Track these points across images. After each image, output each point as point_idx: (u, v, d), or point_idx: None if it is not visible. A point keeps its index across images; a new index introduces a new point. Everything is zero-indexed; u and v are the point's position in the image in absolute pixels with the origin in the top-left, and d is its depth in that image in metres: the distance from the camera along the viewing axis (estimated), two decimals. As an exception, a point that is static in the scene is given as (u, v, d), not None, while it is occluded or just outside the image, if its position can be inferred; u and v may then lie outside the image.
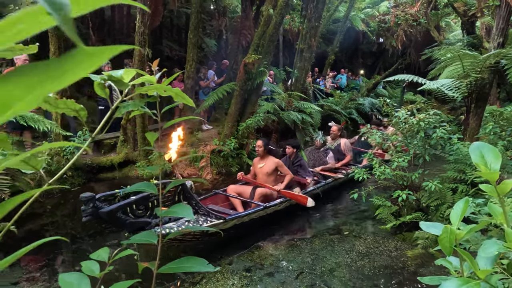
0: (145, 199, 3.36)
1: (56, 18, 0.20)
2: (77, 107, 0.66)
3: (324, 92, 13.68)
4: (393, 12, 13.71)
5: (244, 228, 4.77)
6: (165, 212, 0.77)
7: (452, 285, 0.53)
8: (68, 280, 0.68)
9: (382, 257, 4.30)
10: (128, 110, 0.73)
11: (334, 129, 7.39)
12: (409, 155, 5.02)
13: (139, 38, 6.82)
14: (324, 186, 6.13)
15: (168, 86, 0.71)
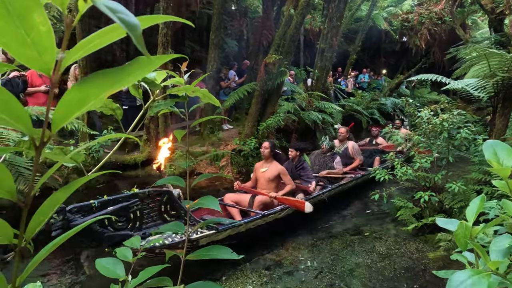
0: (126, 209, 3.09)
1: (131, 35, 0.26)
2: (114, 106, 0.72)
3: (345, 92, 13.57)
4: (416, 11, 13.45)
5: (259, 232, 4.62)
6: (194, 204, 0.82)
7: (462, 276, 0.56)
8: (104, 264, 0.74)
9: (403, 258, 4.26)
10: (159, 110, 0.78)
11: (341, 131, 7.04)
12: (432, 156, 4.94)
13: (162, 39, 6.97)
14: (330, 192, 5.79)
15: (196, 87, 0.76)
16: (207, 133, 8.62)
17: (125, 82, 0.31)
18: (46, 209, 0.37)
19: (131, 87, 0.75)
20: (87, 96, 0.30)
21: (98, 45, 0.32)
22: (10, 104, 0.28)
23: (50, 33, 0.28)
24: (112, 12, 0.27)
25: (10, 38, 0.27)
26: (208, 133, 8.59)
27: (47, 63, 0.29)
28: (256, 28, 10.54)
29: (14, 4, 0.25)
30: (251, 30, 12.03)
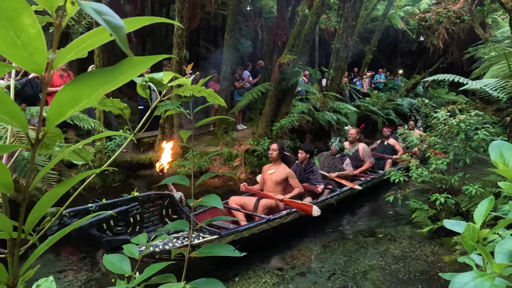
0: (125, 213, 3.00)
1: (115, 37, 0.27)
2: (121, 106, 0.74)
3: (361, 92, 13.44)
4: (434, 10, 13.21)
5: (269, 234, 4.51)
6: (198, 202, 0.83)
7: (466, 277, 0.55)
8: (111, 260, 0.76)
9: (418, 261, 4.20)
10: (166, 109, 0.79)
11: (352, 132, 6.78)
12: (448, 158, 4.85)
13: (177, 40, 7.04)
14: (339, 195, 5.54)
15: (202, 87, 0.77)
16: (221, 133, 8.67)
17: (117, 82, 0.33)
18: (44, 203, 0.38)
19: (139, 87, 0.77)
20: (79, 96, 0.32)
21: (91, 45, 0.34)
22: (6, 102, 0.30)
23: (40, 35, 0.29)
24: (98, 14, 0.28)
25: (1, 40, 0.28)
26: (222, 133, 8.64)
27: (39, 64, 0.31)
28: (271, 28, 10.54)
29: (2, 7, 0.27)
30: (265, 30, 12.04)
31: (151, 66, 2.32)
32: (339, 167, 6.06)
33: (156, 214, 3.32)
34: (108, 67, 0.32)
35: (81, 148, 0.68)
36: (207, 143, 8.58)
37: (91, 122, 5.79)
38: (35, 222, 0.38)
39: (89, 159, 0.70)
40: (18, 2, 0.27)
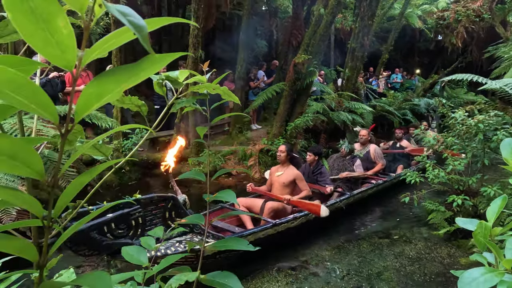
0: (126, 216, 2.94)
1: (138, 36, 0.29)
2: (139, 103, 0.77)
3: (377, 92, 13.29)
4: (453, 8, 12.96)
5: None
6: (213, 197, 0.85)
7: (475, 273, 0.55)
8: (129, 252, 0.79)
9: (433, 263, 4.14)
10: (182, 106, 0.82)
11: (363, 133, 6.56)
12: (466, 159, 4.77)
13: (193, 40, 7.11)
14: (348, 199, 5.38)
15: (216, 85, 0.79)
16: (235, 132, 8.71)
17: (138, 78, 0.35)
18: (71, 191, 0.41)
19: (156, 85, 0.79)
20: (104, 91, 0.35)
21: (114, 44, 0.36)
22: (38, 95, 0.32)
23: (72, 35, 0.33)
24: (123, 16, 0.31)
25: (38, 39, 0.31)
26: (237, 133, 8.68)
27: (69, 61, 0.34)
28: (286, 28, 10.54)
29: (40, 11, 0.30)
30: (280, 30, 12.04)
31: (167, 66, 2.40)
32: (349, 169, 5.94)
33: (159, 217, 3.24)
34: (130, 64, 0.35)
35: (101, 144, 0.71)
36: (221, 143, 8.64)
37: (109, 121, 5.91)
38: (63, 208, 0.41)
39: (108, 154, 0.73)
40: (54, 6, 0.30)
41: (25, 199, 0.35)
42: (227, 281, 0.67)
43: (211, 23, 9.36)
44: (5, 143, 0.31)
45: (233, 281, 0.68)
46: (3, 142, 0.31)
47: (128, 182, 6.89)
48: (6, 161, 0.32)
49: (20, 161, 0.33)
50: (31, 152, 0.33)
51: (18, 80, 0.31)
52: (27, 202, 0.36)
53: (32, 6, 0.31)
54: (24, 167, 0.33)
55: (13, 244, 0.35)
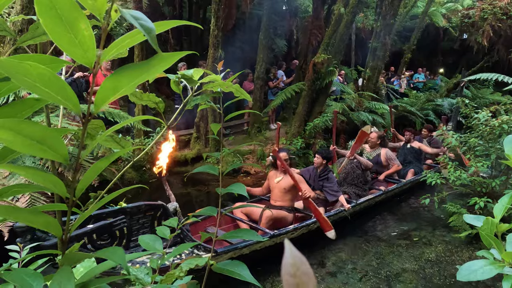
0: (108, 227, 2.77)
1: (147, 37, 0.33)
2: (157, 100, 0.81)
3: (398, 92, 13.07)
4: (478, 6, 12.59)
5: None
6: (225, 190, 0.89)
7: (475, 265, 0.56)
8: (145, 240, 0.83)
9: (454, 266, 4.07)
10: (197, 103, 0.86)
11: (372, 136, 6.22)
12: (490, 160, 4.66)
13: (213, 40, 7.20)
14: (354, 207, 5.10)
15: (229, 83, 0.83)
16: (254, 132, 8.76)
17: (149, 74, 0.40)
18: (90, 174, 0.46)
19: (172, 83, 0.84)
20: (119, 84, 0.39)
21: (129, 44, 0.41)
22: (64, 89, 0.37)
23: (92, 37, 0.38)
24: (135, 19, 0.35)
25: (64, 40, 0.37)
26: (255, 132, 8.73)
27: (90, 58, 0.39)
28: (306, 28, 10.50)
29: (65, 16, 0.35)
30: (300, 30, 11.99)
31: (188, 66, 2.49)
32: (357, 172, 5.60)
33: (147, 226, 3.07)
34: (141, 61, 0.40)
35: (120, 137, 0.76)
36: (240, 142, 8.71)
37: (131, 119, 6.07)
38: (83, 189, 0.45)
39: (128, 147, 0.77)
40: (77, 12, 0.35)
41: (52, 180, 0.40)
42: (237, 269, 0.71)
43: (231, 23, 9.44)
44: (35, 130, 0.36)
45: (243, 269, 0.71)
46: (34, 129, 0.36)
47: (148, 179, 7.04)
48: (36, 146, 0.37)
49: (48, 146, 0.37)
50: (57, 138, 0.38)
51: (47, 75, 0.36)
52: (54, 183, 0.40)
53: (59, 12, 0.35)
54: (51, 152, 0.38)
55: (40, 219, 0.40)
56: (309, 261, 1.36)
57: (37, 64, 0.35)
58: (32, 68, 0.34)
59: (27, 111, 0.43)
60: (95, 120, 0.80)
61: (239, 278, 0.73)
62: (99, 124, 0.82)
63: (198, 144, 7.97)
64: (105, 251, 0.41)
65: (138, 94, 0.78)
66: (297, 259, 0.29)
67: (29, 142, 0.36)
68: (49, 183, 0.40)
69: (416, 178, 6.29)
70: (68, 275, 0.39)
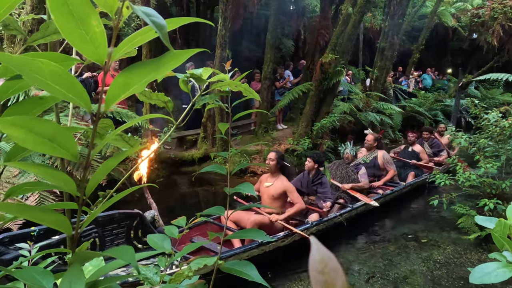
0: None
1: (159, 34, 0.33)
2: (165, 99, 0.82)
3: (406, 93, 12.99)
4: (488, 5, 12.44)
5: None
6: (233, 190, 0.88)
7: (489, 267, 0.55)
8: (154, 239, 0.84)
9: (462, 269, 4.02)
10: (205, 103, 0.86)
11: (369, 138, 5.97)
12: (500, 161, 4.60)
13: (220, 40, 7.21)
14: (350, 212, 4.82)
15: (238, 82, 0.83)
16: (261, 132, 8.76)
17: (160, 72, 0.40)
18: (100, 173, 0.46)
19: (181, 82, 0.84)
20: (131, 81, 0.39)
21: (139, 42, 0.41)
22: (74, 86, 0.37)
23: (103, 33, 0.37)
24: (147, 16, 0.35)
25: (75, 37, 0.37)
26: (262, 132, 8.72)
27: (101, 55, 0.39)
28: (313, 28, 10.48)
29: (77, 12, 0.35)
30: (308, 30, 11.97)
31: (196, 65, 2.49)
32: (352, 177, 5.27)
33: (122, 236, 2.88)
34: (152, 59, 0.40)
35: (129, 136, 0.76)
36: (247, 142, 8.71)
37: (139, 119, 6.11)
38: (94, 187, 0.45)
39: (136, 146, 0.78)
40: (89, 8, 0.35)
41: (62, 178, 0.40)
42: (245, 269, 0.70)
43: (238, 23, 9.45)
44: (47, 127, 0.36)
45: (251, 269, 0.71)
46: (45, 127, 0.36)
47: (156, 179, 7.08)
48: (47, 143, 0.37)
49: (58, 144, 0.37)
50: (68, 137, 0.38)
51: (59, 72, 0.36)
52: (64, 181, 0.41)
53: (71, 8, 0.35)
54: (61, 149, 0.38)
55: (50, 218, 0.40)
56: None
57: (49, 61, 0.35)
58: (44, 65, 0.34)
59: (36, 110, 0.43)
60: (104, 120, 0.81)
61: (247, 278, 0.73)
62: (108, 123, 0.82)
63: (205, 144, 7.98)
64: (114, 250, 0.41)
65: (147, 93, 0.78)
66: (324, 255, 0.28)
67: (40, 140, 0.36)
68: (59, 181, 0.40)
69: (416, 180, 6.16)
70: (78, 273, 0.39)
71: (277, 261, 3.99)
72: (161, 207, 3.76)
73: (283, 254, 4.03)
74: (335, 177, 5.32)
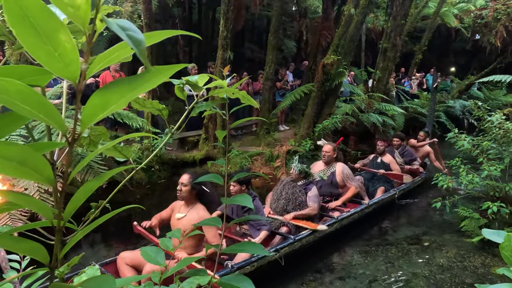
0: None
1: (135, 50, 0.30)
2: (160, 107, 0.79)
3: (409, 94, 12.93)
4: (491, 6, 12.39)
5: None
6: (229, 201, 0.86)
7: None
8: (148, 252, 0.81)
9: (465, 272, 3.98)
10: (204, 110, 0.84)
11: (327, 149, 4.99)
12: (503, 164, 4.56)
13: (222, 41, 7.18)
14: (292, 246, 3.85)
15: (235, 90, 0.80)
16: (263, 133, 8.73)
17: (142, 89, 0.37)
18: (80, 196, 0.43)
19: (177, 89, 0.81)
20: (109, 101, 0.36)
21: (118, 57, 0.38)
22: (44, 106, 0.34)
23: (74, 49, 0.34)
24: (122, 30, 0.32)
25: (41, 53, 0.34)
26: (264, 134, 8.70)
27: (73, 73, 0.35)
28: (315, 29, 10.45)
29: (41, 26, 0.32)
30: (310, 31, 11.95)
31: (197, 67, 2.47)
32: (299, 199, 4.30)
33: None
34: (133, 76, 0.37)
35: (122, 146, 0.73)
36: (249, 143, 8.68)
37: (139, 120, 6.08)
38: (72, 212, 0.42)
39: (130, 156, 0.75)
40: (56, 22, 0.32)
41: (34, 202, 0.37)
42: (241, 284, 0.68)
43: (240, 24, 9.43)
44: (14, 150, 0.33)
45: (248, 285, 0.68)
46: (12, 150, 0.33)
47: (157, 180, 7.06)
48: (17, 167, 0.34)
49: (30, 167, 0.35)
50: (39, 159, 0.35)
51: (26, 92, 0.33)
52: (36, 206, 0.38)
53: (33, 22, 0.32)
54: (33, 173, 0.35)
55: (22, 246, 0.37)
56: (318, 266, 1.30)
57: (13, 80, 0.32)
58: (9, 84, 0.31)
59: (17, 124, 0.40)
60: (98, 127, 0.78)
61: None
62: (101, 131, 0.79)
63: (206, 145, 7.96)
64: (94, 280, 0.38)
65: (141, 101, 0.76)
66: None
67: (8, 164, 0.33)
68: (32, 206, 0.37)
69: (382, 197, 5.37)
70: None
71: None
72: (161, 209, 3.73)
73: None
74: (280, 198, 4.33)
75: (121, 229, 5.03)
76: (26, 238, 0.38)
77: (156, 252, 0.79)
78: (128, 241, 4.73)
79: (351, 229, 4.76)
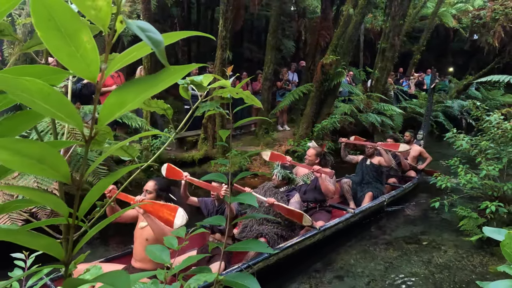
0: None
1: (155, 50, 0.31)
2: (165, 107, 0.80)
3: (407, 94, 12.97)
4: (490, 6, 12.44)
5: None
6: (234, 199, 0.86)
7: (501, 285, 0.53)
8: (153, 250, 0.82)
9: (464, 272, 4.00)
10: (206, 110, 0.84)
11: (309, 153, 4.82)
12: (502, 164, 4.58)
13: (221, 41, 7.18)
14: (268, 260, 3.61)
15: (239, 89, 0.81)
16: (262, 133, 8.74)
17: (157, 88, 0.38)
18: (94, 193, 0.44)
19: (181, 89, 0.82)
20: (125, 100, 0.37)
21: (135, 57, 0.39)
22: (64, 105, 0.35)
23: (95, 49, 0.35)
24: (142, 31, 0.33)
25: (64, 53, 0.35)
26: (263, 133, 8.70)
27: (93, 72, 0.36)
28: (314, 29, 10.47)
29: (65, 27, 0.33)
30: (309, 31, 11.97)
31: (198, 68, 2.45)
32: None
33: None
34: (150, 75, 0.38)
35: (128, 145, 0.74)
36: (248, 143, 8.68)
37: (139, 120, 6.09)
38: (87, 209, 0.43)
39: (135, 155, 0.76)
40: (78, 23, 0.33)
41: (51, 199, 0.38)
42: (246, 282, 0.68)
43: (239, 24, 9.44)
44: (34, 148, 0.34)
45: (252, 282, 0.69)
46: (32, 147, 0.34)
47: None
48: (36, 165, 0.35)
49: (48, 164, 0.35)
50: (57, 156, 0.36)
51: (47, 90, 0.34)
52: (53, 202, 0.39)
53: (58, 23, 0.33)
54: (51, 170, 0.36)
55: (39, 242, 0.38)
56: (317, 265, 1.31)
57: (35, 79, 0.32)
58: (30, 83, 0.32)
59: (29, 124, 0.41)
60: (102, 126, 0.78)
61: (248, 291, 0.71)
62: (106, 130, 0.80)
63: (205, 145, 7.96)
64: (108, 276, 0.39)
65: (146, 101, 0.76)
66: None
67: (28, 161, 0.34)
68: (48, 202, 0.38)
69: (370, 205, 5.16)
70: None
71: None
72: (161, 209, 3.71)
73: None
74: (260, 205, 4.07)
75: (119, 228, 5.03)
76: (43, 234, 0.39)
77: (161, 250, 0.80)
78: (127, 240, 4.72)
79: (335, 239, 4.55)
